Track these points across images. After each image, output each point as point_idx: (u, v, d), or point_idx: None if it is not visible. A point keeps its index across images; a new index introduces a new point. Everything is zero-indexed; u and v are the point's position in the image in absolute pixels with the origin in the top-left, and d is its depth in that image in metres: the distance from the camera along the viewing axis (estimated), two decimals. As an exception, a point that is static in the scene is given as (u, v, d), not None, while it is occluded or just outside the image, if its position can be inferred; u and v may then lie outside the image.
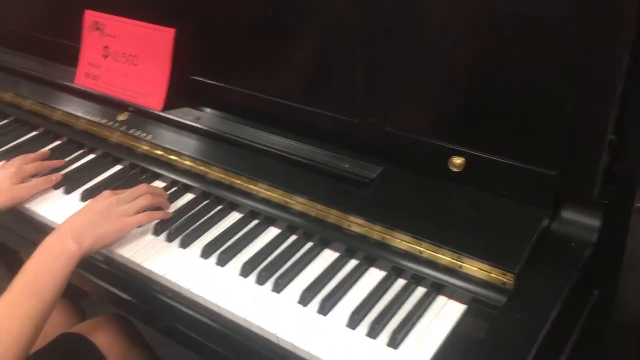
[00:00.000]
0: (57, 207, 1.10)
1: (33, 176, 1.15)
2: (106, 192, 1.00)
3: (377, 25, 0.91)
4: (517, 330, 0.75)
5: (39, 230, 1.08)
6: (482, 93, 0.86)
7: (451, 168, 0.90)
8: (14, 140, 1.33)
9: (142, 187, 1.03)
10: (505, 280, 0.81)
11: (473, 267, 0.84)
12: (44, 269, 0.86)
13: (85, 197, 1.11)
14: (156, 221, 1.01)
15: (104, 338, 1.07)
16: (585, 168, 0.80)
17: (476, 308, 0.83)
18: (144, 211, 1.00)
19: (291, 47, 1.04)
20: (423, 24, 0.87)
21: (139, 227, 1.00)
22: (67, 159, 1.24)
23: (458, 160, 0.89)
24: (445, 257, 0.86)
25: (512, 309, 0.78)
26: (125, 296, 0.98)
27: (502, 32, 0.81)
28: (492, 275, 0.82)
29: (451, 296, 0.86)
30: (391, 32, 0.90)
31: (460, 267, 0.85)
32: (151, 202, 1.01)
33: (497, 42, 0.82)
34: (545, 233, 0.85)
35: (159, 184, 1.15)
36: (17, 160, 1.15)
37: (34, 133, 1.36)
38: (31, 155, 1.17)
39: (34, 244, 1.08)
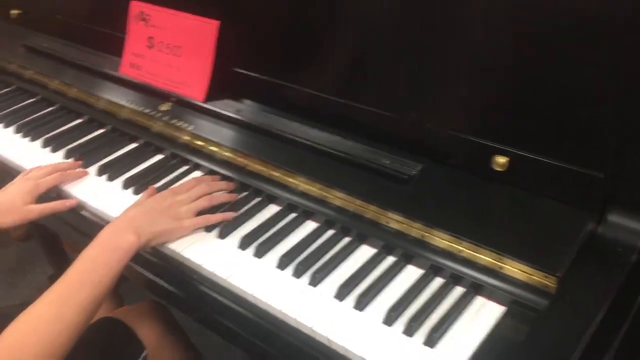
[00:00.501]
0: (98, 194, 1.12)
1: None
2: (166, 192, 1.01)
3: (420, 21, 0.90)
4: (558, 335, 0.74)
5: (79, 214, 1.11)
6: (527, 91, 0.84)
7: (494, 167, 0.89)
8: (59, 127, 1.36)
9: (201, 188, 1.03)
10: (547, 283, 0.80)
11: (514, 269, 0.82)
12: (102, 260, 0.86)
13: (127, 185, 1.13)
14: None
15: (142, 325, 1.09)
16: (635, 171, 0.78)
17: (516, 310, 0.82)
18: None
19: (333, 41, 1.04)
20: (467, 20, 0.86)
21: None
22: (110, 147, 1.26)
23: (502, 160, 0.88)
24: (485, 257, 0.85)
25: (554, 312, 0.76)
26: (163, 284, 0.99)
27: (551, 30, 0.79)
28: (533, 277, 0.81)
29: (490, 297, 0.84)
30: (434, 28, 0.88)
31: (501, 268, 0.83)
32: (210, 204, 1.02)
33: (545, 40, 0.80)
34: (590, 236, 0.83)
35: (198, 174, 1.16)
36: (36, 172, 1.12)
37: (78, 121, 1.38)
38: (49, 167, 1.15)
39: (72, 227, 1.11)
